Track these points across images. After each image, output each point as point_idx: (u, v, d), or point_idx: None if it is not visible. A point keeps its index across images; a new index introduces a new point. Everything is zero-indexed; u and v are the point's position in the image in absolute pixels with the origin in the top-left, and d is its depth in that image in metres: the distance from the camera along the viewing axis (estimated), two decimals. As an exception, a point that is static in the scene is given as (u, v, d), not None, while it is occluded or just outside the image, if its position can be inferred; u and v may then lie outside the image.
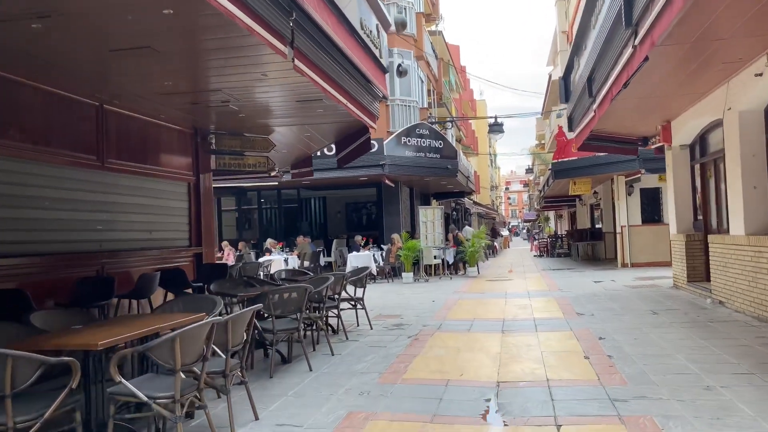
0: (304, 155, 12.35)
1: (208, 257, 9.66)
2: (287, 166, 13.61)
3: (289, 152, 11.84)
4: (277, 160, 12.82)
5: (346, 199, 26.63)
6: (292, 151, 11.85)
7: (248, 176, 13.81)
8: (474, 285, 15.44)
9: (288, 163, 13.30)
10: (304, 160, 12.73)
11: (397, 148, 18.29)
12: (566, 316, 9.56)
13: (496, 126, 19.92)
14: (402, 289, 15.06)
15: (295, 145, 11.24)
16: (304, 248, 19.08)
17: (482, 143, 56.23)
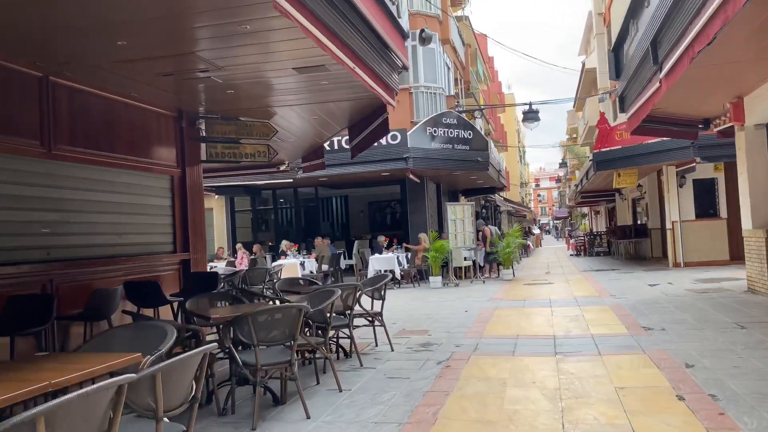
0: (314, 145, 10.80)
1: (198, 264, 8.14)
2: (298, 159, 12.07)
3: (297, 141, 10.30)
4: (287, 151, 11.33)
5: (368, 197, 25.10)
6: (301, 140, 10.30)
7: (254, 171, 12.39)
8: (511, 290, 13.71)
9: (298, 155, 11.77)
10: (315, 151, 11.17)
11: (422, 140, 16.64)
12: (631, 331, 7.81)
13: (531, 113, 18.14)
14: (429, 295, 13.40)
15: (302, 132, 9.68)
16: (323, 250, 17.56)
17: (511, 138, 54.21)
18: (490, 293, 13.16)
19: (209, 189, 17.79)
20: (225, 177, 16.66)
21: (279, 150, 10.88)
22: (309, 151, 11.27)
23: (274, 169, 12.32)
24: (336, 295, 5.59)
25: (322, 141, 10.61)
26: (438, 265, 15.09)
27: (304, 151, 11.43)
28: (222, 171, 12.10)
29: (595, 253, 28.04)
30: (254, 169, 12.26)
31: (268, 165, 12.30)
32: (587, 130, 38.03)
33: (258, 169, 12.30)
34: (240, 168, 12.16)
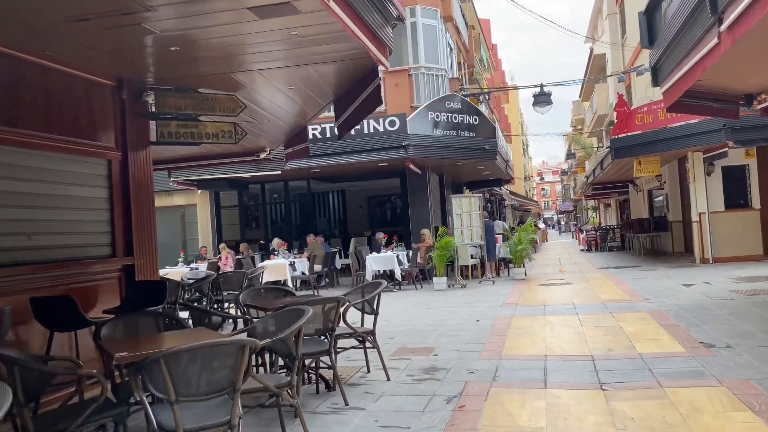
0: (296, 127, 9.19)
1: (146, 271, 6.55)
2: (280, 144, 10.47)
3: (275, 122, 8.69)
4: (267, 136, 9.75)
5: (368, 191, 23.50)
6: (280, 120, 8.70)
7: (231, 161, 10.80)
8: (526, 292, 12.11)
9: (279, 140, 10.16)
10: (299, 134, 9.57)
11: (423, 125, 15.03)
12: (689, 349, 6.21)
13: (542, 96, 16.51)
14: (434, 299, 11.81)
15: (279, 109, 8.08)
16: (315, 249, 15.97)
17: (515, 131, 52.52)
18: (503, 296, 11.56)
19: (189, 183, 16.22)
20: (197, 168, 15.08)
21: (258, 133, 9.32)
22: (291, 134, 9.67)
23: (253, 157, 10.73)
24: (304, 317, 3.98)
25: (305, 122, 9.01)
26: (443, 265, 13.50)
27: (286, 136, 9.83)
28: (193, 160, 10.53)
29: (608, 248, 26.44)
30: (230, 158, 10.66)
31: (247, 153, 10.75)
32: (595, 120, 36.39)
33: (235, 158, 10.71)
34: (212, 157, 10.60)
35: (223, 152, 10.66)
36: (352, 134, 14.90)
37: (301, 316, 4.02)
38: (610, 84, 31.06)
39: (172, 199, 18.35)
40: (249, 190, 18.33)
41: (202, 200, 18.11)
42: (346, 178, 21.31)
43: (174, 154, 10.05)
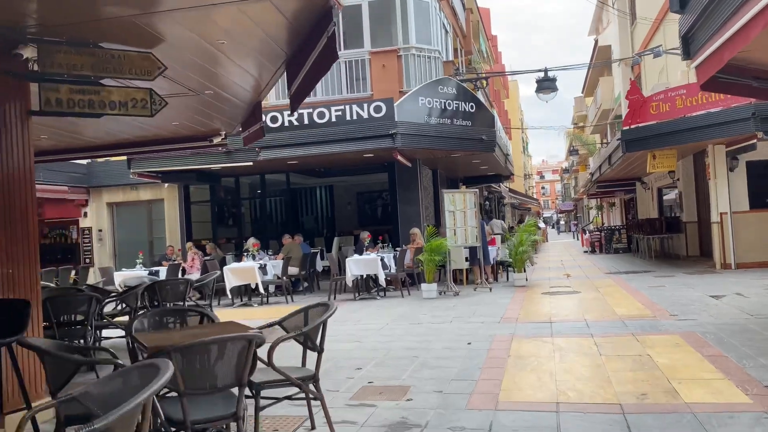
0: (248, 102, 7.49)
1: (17, 284, 4.87)
2: (236, 126, 8.78)
3: (220, 93, 7.01)
4: (222, 116, 8.08)
5: (357, 187, 21.86)
6: (225, 93, 7.01)
7: (174, 147, 9.11)
8: (528, 303, 10.43)
9: (234, 121, 8.47)
10: (253, 112, 7.87)
11: (412, 112, 13.35)
12: (756, 398, 4.54)
13: (546, 81, 14.82)
14: (421, 311, 10.12)
15: (219, 75, 6.39)
16: (292, 250, 14.31)
17: (515, 129, 50.82)
18: (501, 308, 9.88)
19: (152, 174, 14.53)
20: (158, 157, 13.46)
21: (202, 110, 7.65)
22: (246, 114, 7.98)
23: (205, 142, 9.06)
24: (151, 388, 2.29)
25: (257, 96, 7.31)
26: (433, 270, 11.81)
27: (240, 114, 8.14)
28: (127, 146, 8.87)
29: (613, 250, 24.79)
30: (177, 144, 8.98)
31: (197, 137, 9.06)
32: (599, 115, 34.74)
33: (183, 144, 9.03)
34: (155, 142, 8.92)
35: (171, 136, 8.98)
36: (333, 121, 13.26)
37: (152, 380, 2.33)
38: (617, 75, 29.39)
39: (137, 193, 16.69)
40: (221, 184, 16.64)
41: (170, 195, 16.43)
42: (333, 173, 19.66)
43: (99, 137, 8.38)
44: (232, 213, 17.27)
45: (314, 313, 4.50)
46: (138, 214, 17.01)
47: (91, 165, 16.54)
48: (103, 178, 15.98)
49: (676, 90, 14.36)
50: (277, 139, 13.31)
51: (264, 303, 12.76)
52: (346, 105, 13.29)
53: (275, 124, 13.41)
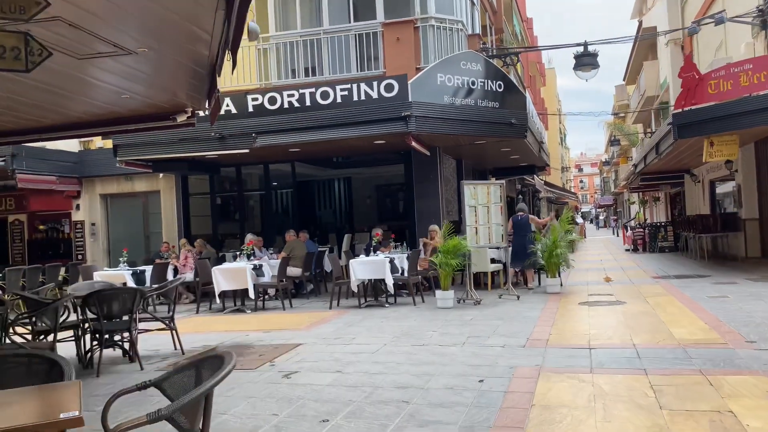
0: (199, 64, 5.85)
1: None
2: (203, 100, 7.17)
3: (158, 51, 5.41)
4: (189, 88, 6.56)
5: (376, 179, 20.14)
6: (165, 49, 5.42)
7: (127, 125, 7.57)
8: (562, 318, 8.62)
9: (198, 93, 6.85)
10: (211, 81, 6.24)
11: (429, 91, 11.60)
12: None
13: (586, 57, 12.85)
14: (429, 326, 8.40)
15: (152, 28, 4.80)
16: (295, 248, 12.73)
17: (552, 119, 48.41)
18: (529, 324, 8.10)
19: (141, 163, 13.10)
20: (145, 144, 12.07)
21: (143, 77, 6.07)
22: (204, 82, 6.37)
23: (168, 121, 7.48)
24: None
25: (211, 57, 5.66)
26: (449, 275, 10.07)
27: (204, 86, 6.53)
28: (68, 129, 7.36)
29: (658, 249, 22.62)
30: (130, 124, 7.43)
31: (158, 115, 7.48)
32: (643, 102, 32.28)
33: (140, 124, 7.47)
34: (102, 122, 7.38)
35: (129, 114, 7.44)
36: (338, 102, 11.61)
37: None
38: (664, 58, 27.05)
39: (132, 184, 15.32)
40: (221, 174, 15.14)
41: (167, 186, 15.02)
42: (350, 164, 18.05)
43: (45, 116, 6.92)
44: (239, 206, 15.76)
45: (207, 367, 2.84)
46: (133, 206, 15.66)
47: (83, 153, 15.24)
48: (95, 168, 14.66)
49: (740, 65, 12.28)
50: (276, 124, 11.73)
51: (259, 309, 11.22)
52: (353, 84, 11.61)
53: (273, 105, 11.83)
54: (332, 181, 20.27)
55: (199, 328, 9.45)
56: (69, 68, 5.69)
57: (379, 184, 20.46)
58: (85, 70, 5.85)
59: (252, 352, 7.12)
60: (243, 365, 6.47)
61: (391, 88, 11.42)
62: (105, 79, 6.14)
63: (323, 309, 10.75)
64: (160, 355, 7.31)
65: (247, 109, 11.96)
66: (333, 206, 20.89)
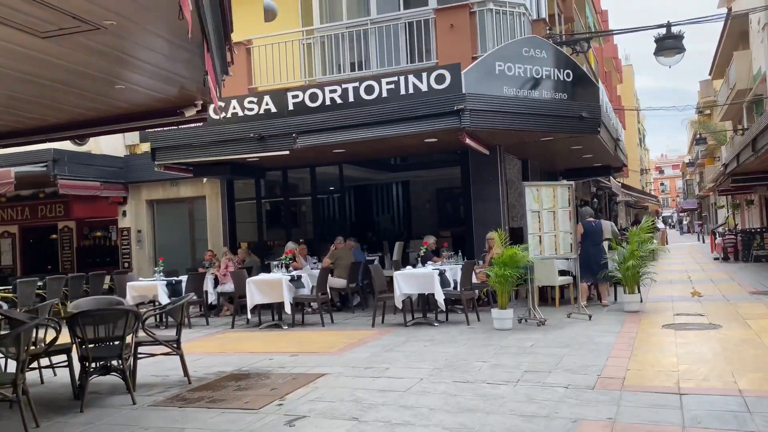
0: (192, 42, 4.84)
1: None
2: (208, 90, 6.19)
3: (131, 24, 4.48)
4: (171, 69, 5.63)
5: (437, 183, 18.88)
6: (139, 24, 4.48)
7: (117, 126, 6.72)
8: (643, 346, 7.12)
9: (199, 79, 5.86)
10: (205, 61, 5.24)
11: (486, 82, 10.30)
12: None
13: (669, 39, 11.15)
14: (480, 354, 7.11)
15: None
16: (340, 257, 11.72)
17: (630, 118, 45.60)
18: (601, 354, 6.68)
19: (181, 167, 12.41)
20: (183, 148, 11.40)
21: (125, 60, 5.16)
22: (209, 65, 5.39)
23: (175, 117, 6.56)
24: None
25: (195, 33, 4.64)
26: (507, 291, 8.72)
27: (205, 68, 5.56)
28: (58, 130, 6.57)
29: (753, 258, 20.23)
30: (134, 122, 6.55)
31: (164, 111, 6.55)
32: (733, 96, 29.51)
33: (145, 122, 6.58)
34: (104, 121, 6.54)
35: (134, 110, 6.57)
36: (384, 96, 10.49)
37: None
38: (757, 48, 24.51)
39: (177, 190, 14.71)
40: (268, 179, 14.30)
41: (213, 191, 14.32)
42: (408, 166, 16.98)
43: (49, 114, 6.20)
44: (286, 212, 14.91)
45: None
46: (179, 213, 15.05)
47: (130, 158, 14.78)
48: (141, 172, 14.13)
49: None
50: (317, 122, 10.73)
51: (297, 324, 10.23)
52: (400, 76, 10.46)
53: (315, 102, 10.83)
54: (386, 185, 19.24)
55: (225, 347, 8.52)
56: (40, 51, 4.85)
57: (440, 188, 19.20)
58: (62, 55, 4.99)
59: (265, 384, 6.07)
60: (248, 403, 5.43)
61: (443, 79, 10.19)
62: (87, 65, 5.27)
63: (365, 326, 9.63)
64: (165, 384, 6.37)
65: (287, 107, 11.03)
66: (388, 211, 19.84)
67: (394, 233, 18.32)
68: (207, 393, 5.86)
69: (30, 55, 4.94)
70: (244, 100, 11.33)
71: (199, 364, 7.27)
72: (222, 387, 6.07)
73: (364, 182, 18.34)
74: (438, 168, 15.35)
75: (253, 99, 11.30)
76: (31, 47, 4.77)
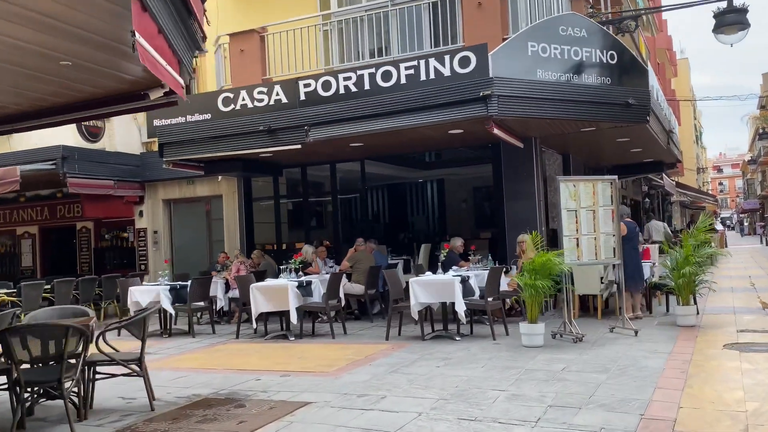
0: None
1: None
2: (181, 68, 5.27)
3: None
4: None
5: (474, 181, 17.67)
6: None
7: (69, 116, 5.83)
8: (700, 374, 5.86)
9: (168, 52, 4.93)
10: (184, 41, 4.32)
11: (517, 64, 9.15)
12: None
13: (731, 14, 9.72)
14: (496, 382, 5.96)
15: None
16: (361, 260, 10.77)
17: (685, 114, 43.16)
18: (646, 385, 5.47)
19: (191, 164, 11.65)
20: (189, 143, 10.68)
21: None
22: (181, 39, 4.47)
23: (138, 102, 5.65)
24: None
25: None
26: (536, 302, 7.54)
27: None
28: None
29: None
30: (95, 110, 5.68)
31: (128, 96, 5.67)
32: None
33: (109, 108, 5.70)
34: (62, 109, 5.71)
35: (88, 95, 5.70)
36: (403, 83, 9.46)
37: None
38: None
39: (194, 189, 13.99)
40: (286, 176, 13.41)
41: (229, 190, 13.53)
42: (441, 163, 15.85)
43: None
44: (310, 212, 13.99)
45: None
46: (196, 213, 14.32)
47: (146, 155, 14.11)
48: (158, 171, 13.43)
49: None
50: (331, 113, 9.76)
51: (306, 334, 9.30)
52: (420, 60, 9.40)
53: (328, 91, 9.88)
54: (419, 184, 18.15)
55: (216, 363, 7.62)
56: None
57: (477, 186, 18.00)
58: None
59: (234, 416, 5.10)
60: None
61: (468, 62, 9.07)
62: (14, 33, 4.42)
63: (379, 339, 8.61)
64: (125, 410, 5.48)
65: (298, 97, 10.11)
66: (422, 212, 18.75)
67: (428, 235, 17.22)
68: (163, 425, 4.93)
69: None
70: (253, 90, 10.46)
71: (176, 384, 6.39)
72: (185, 417, 5.14)
73: (394, 180, 17.30)
74: (474, 165, 14.14)
75: (263, 89, 10.41)
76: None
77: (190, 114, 10.96)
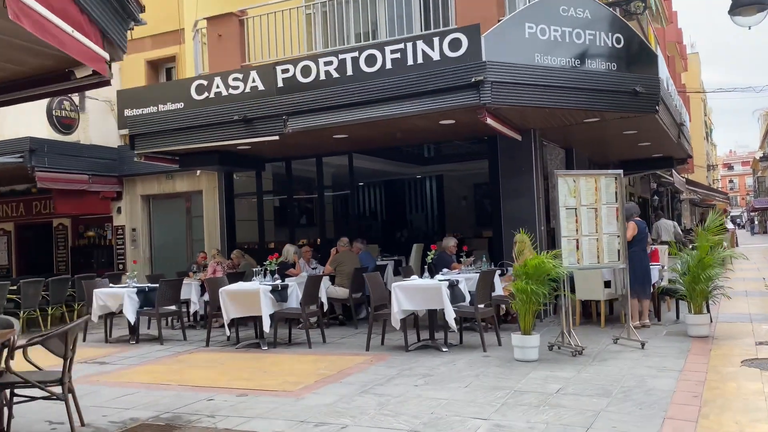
0: None
1: None
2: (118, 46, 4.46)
3: None
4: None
5: (475, 177, 16.79)
6: None
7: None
8: (714, 402, 5.02)
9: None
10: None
11: (513, 47, 8.32)
12: None
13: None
14: (478, 407, 5.14)
15: None
16: (343, 262, 9.97)
17: (696, 110, 42.09)
18: (654, 414, 4.65)
19: (164, 157, 10.87)
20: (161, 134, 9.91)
21: None
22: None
23: (67, 82, 4.85)
24: None
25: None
26: (530, 311, 6.71)
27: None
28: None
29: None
30: (17, 92, 4.89)
31: (49, 76, 4.88)
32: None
33: (34, 90, 4.91)
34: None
35: (19, 71, 4.92)
36: (388, 68, 8.64)
37: None
38: None
39: (173, 184, 13.22)
40: (269, 171, 12.61)
41: (210, 185, 12.75)
42: (439, 159, 15.09)
43: None
44: (295, 209, 13.20)
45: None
46: (176, 209, 13.55)
47: (124, 149, 13.35)
48: (136, 165, 12.66)
49: None
50: (310, 101, 8.96)
51: (281, 343, 8.52)
52: (407, 42, 8.58)
53: (308, 77, 9.06)
54: (417, 180, 17.35)
55: (171, 377, 6.83)
56: None
57: (478, 183, 17.14)
58: None
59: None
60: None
61: (458, 45, 8.24)
62: None
63: (360, 349, 7.81)
64: (45, 439, 4.71)
65: (276, 84, 9.31)
66: (416, 209, 17.94)
67: (426, 233, 16.41)
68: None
69: None
70: (228, 77, 9.66)
71: (118, 404, 5.62)
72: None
73: (389, 176, 16.52)
74: (473, 160, 13.30)
75: (239, 76, 9.61)
76: None
77: (162, 103, 10.19)
